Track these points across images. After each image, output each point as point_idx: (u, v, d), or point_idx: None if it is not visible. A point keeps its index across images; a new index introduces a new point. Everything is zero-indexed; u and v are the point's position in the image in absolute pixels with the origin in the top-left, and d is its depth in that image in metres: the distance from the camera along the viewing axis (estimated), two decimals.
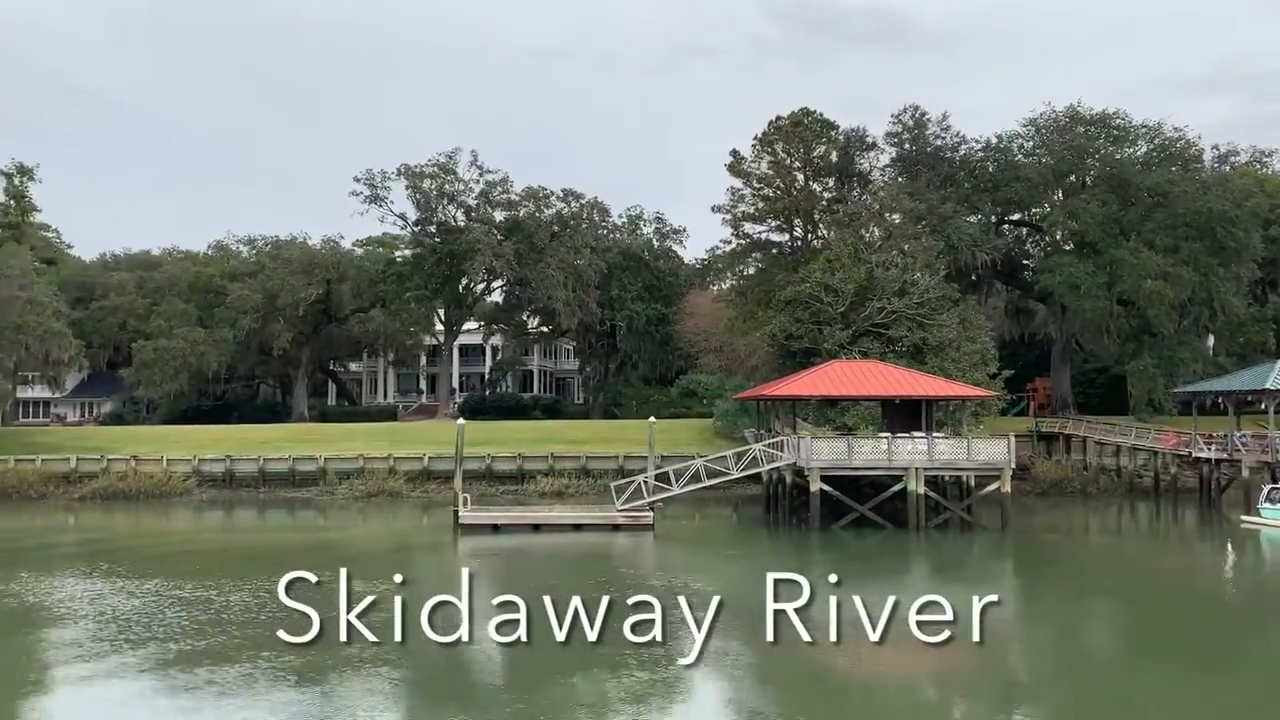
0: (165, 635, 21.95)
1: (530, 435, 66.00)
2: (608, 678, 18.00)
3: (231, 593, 26.58)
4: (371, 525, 46.73)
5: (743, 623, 19.27)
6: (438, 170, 77.19)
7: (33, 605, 26.10)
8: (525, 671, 18.31)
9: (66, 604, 25.92)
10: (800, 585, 12.47)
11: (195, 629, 22.32)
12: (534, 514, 40.48)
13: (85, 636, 22.07)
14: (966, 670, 18.40)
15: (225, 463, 59.47)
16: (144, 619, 23.47)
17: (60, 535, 43.08)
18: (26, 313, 58.71)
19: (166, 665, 19.66)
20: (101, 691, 18.34)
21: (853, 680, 18.35)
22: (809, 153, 66.83)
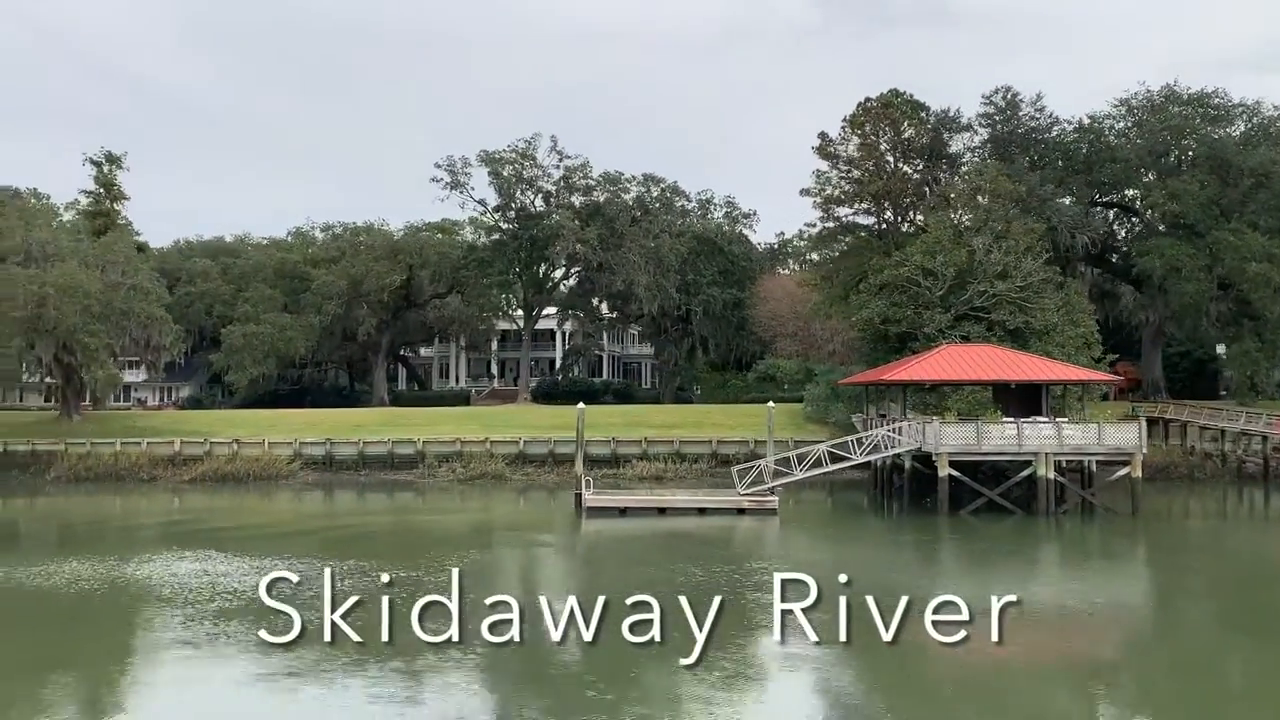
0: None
1: (619, 420, 66.15)
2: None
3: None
4: (501, 508, 46.87)
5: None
6: (517, 156, 77.41)
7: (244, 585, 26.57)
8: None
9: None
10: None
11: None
12: (659, 498, 40.64)
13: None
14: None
15: (325, 446, 60.33)
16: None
17: (210, 519, 43.18)
18: (131, 299, 59.78)
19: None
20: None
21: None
22: (898, 134, 66.15)
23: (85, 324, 56.34)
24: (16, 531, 40.72)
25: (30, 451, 60.02)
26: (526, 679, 17.44)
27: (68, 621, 22.62)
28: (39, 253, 58.81)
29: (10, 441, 60.52)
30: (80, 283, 56.41)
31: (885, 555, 32.96)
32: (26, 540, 37.67)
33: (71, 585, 26.00)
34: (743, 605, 22.99)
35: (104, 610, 23.29)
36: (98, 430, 63.16)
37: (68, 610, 23.69)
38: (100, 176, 77.19)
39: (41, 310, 55.72)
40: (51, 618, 23.20)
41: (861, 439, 41.71)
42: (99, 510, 46.71)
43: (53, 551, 32.77)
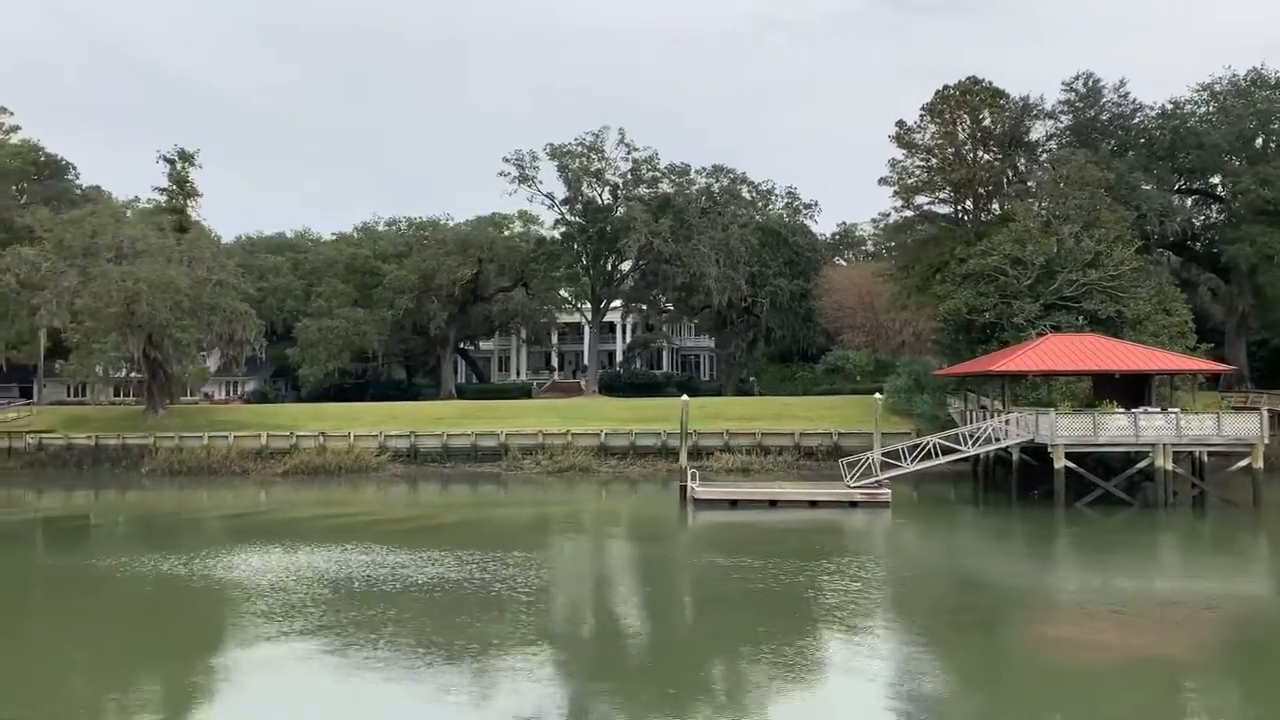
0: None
1: (696, 412, 65.16)
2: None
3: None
4: (604, 501, 46.61)
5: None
6: (585, 149, 77.39)
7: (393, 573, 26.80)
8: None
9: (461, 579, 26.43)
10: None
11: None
12: (769, 490, 40.48)
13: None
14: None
15: (410, 439, 60.79)
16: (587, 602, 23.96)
17: (322, 509, 43.62)
18: (217, 294, 60.51)
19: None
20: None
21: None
22: (976, 122, 65.35)
23: (176, 319, 57.07)
24: (137, 524, 41.30)
25: (121, 445, 60.99)
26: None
27: (210, 610, 22.86)
28: (129, 249, 59.66)
29: (101, 436, 61.54)
30: (171, 279, 57.18)
31: (1028, 549, 32.61)
32: (151, 533, 38.17)
33: (227, 575, 26.36)
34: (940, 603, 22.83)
35: (268, 599, 23.48)
36: (182, 424, 64.10)
37: (214, 599, 23.95)
38: (173, 173, 78.12)
39: (134, 306, 56.53)
40: (200, 607, 23.48)
41: (972, 431, 41.17)
42: (206, 503, 47.26)
43: (191, 544, 33.18)
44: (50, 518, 44.06)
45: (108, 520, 42.66)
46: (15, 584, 28.12)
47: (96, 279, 56.94)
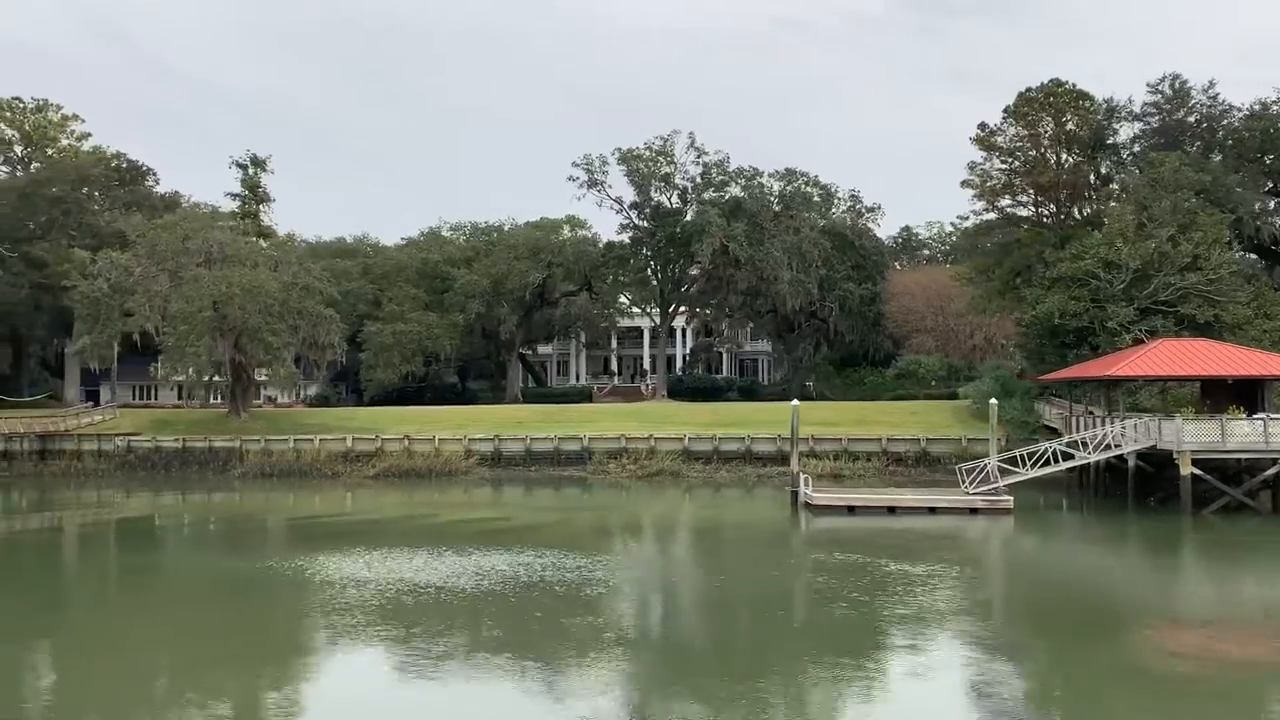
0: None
1: (773, 417, 65.60)
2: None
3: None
4: (713, 505, 46.29)
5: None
6: (654, 153, 77.39)
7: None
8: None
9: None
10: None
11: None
12: (887, 496, 40.13)
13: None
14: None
15: (494, 442, 60.94)
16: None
17: (438, 513, 43.49)
18: (304, 298, 61.00)
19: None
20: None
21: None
22: (1059, 125, 64.64)
23: (267, 323, 57.59)
24: (275, 525, 41.25)
25: (208, 448, 61.59)
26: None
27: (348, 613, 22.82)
28: (218, 254, 60.30)
29: (188, 438, 62.17)
30: (261, 283, 57.73)
31: (1165, 558, 32.06)
32: (296, 535, 38.07)
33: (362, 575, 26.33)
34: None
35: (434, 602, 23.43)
36: (266, 428, 64.67)
37: (347, 599, 23.87)
38: (246, 179, 78.94)
39: (226, 310, 57.10)
40: (328, 608, 23.44)
41: (1090, 437, 40.60)
42: (319, 505, 47.47)
43: (300, 546, 33.39)
44: (189, 518, 44.54)
45: (251, 522, 42.41)
46: (196, 584, 28.33)
47: (188, 283, 57.58)
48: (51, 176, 68.13)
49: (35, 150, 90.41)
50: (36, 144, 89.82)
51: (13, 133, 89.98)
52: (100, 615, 24.49)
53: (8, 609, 24.37)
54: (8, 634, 21.47)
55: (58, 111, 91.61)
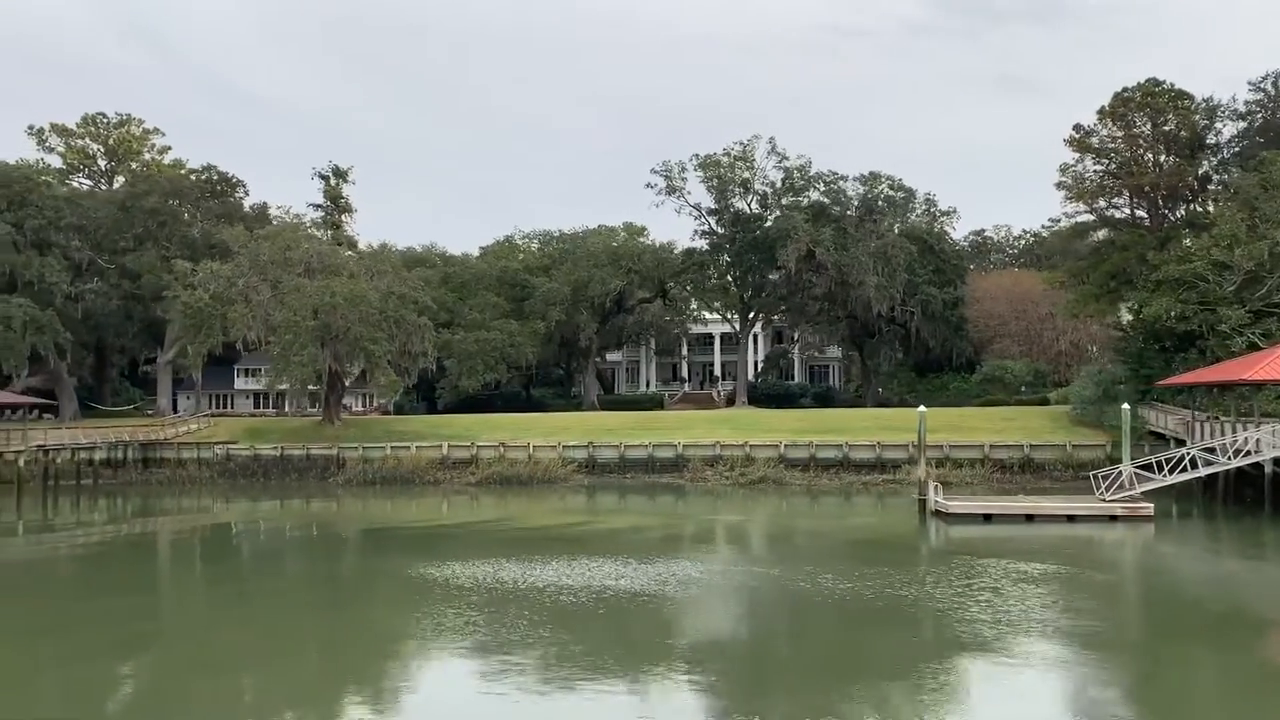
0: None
1: (872, 423, 65.04)
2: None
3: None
4: (832, 512, 45.59)
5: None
6: (733, 159, 77.16)
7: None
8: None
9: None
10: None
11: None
12: (1024, 504, 39.39)
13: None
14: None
15: (588, 449, 60.90)
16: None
17: (587, 521, 43.53)
18: (400, 307, 61.45)
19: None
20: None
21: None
22: (1157, 125, 63.48)
23: (368, 332, 58.05)
24: (404, 531, 41.21)
25: (305, 456, 62.22)
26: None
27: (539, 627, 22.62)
28: (318, 264, 60.96)
29: (286, 446, 62.83)
30: (363, 292, 58.23)
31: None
32: (434, 541, 37.98)
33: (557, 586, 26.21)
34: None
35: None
36: (359, 435, 65.21)
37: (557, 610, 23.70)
38: (328, 189, 79.81)
39: (329, 319, 57.65)
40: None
41: (1229, 443, 39.55)
42: (444, 512, 47.56)
43: (435, 551, 33.38)
44: (312, 525, 44.90)
45: (374, 528, 42.43)
46: (312, 587, 28.42)
47: (290, 293, 58.23)
48: (149, 189, 69.41)
49: (119, 164, 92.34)
50: (121, 158, 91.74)
51: (97, 147, 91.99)
52: (217, 617, 24.49)
53: (144, 611, 24.62)
54: (150, 634, 21.74)
55: (139, 126, 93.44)
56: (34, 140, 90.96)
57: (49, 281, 64.34)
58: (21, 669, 19.48)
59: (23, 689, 18.06)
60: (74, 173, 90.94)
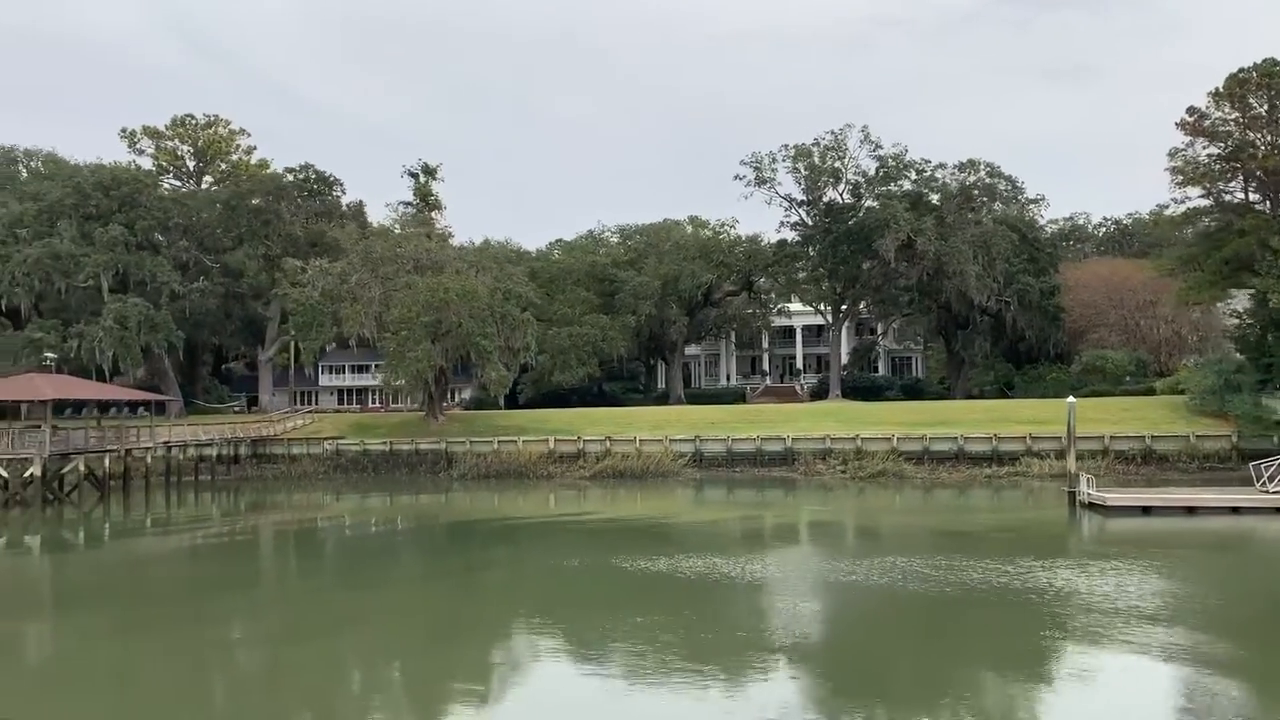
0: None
1: (982, 415, 63.97)
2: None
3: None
4: (989, 509, 44.17)
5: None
6: (825, 149, 76.29)
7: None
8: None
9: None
10: None
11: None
12: (1184, 496, 38.37)
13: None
14: None
15: (694, 443, 60.65)
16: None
17: (757, 514, 43.55)
18: (505, 303, 61.60)
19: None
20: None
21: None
22: (1278, 105, 61.50)
23: (479, 327, 58.26)
24: (569, 526, 41.12)
25: (414, 450, 62.72)
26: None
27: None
28: (427, 261, 61.34)
29: (395, 442, 63.36)
30: (474, 288, 58.45)
31: None
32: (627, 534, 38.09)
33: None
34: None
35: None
36: (463, 430, 65.57)
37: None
38: (418, 188, 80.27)
39: (441, 316, 57.96)
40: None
41: None
42: (599, 503, 47.62)
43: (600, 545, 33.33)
44: (453, 519, 45.19)
45: (553, 523, 42.34)
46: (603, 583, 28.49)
47: (402, 289, 58.62)
48: (252, 188, 70.39)
49: (206, 165, 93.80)
50: (209, 159, 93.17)
51: (186, 148, 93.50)
52: (377, 603, 24.52)
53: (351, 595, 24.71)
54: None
55: (225, 126, 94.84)
56: (125, 143, 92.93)
57: (160, 281, 65.43)
58: (265, 645, 19.82)
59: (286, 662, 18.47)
60: (163, 174, 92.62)
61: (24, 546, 38.20)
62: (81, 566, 34.28)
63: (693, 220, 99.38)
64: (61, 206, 66.57)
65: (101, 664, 19.25)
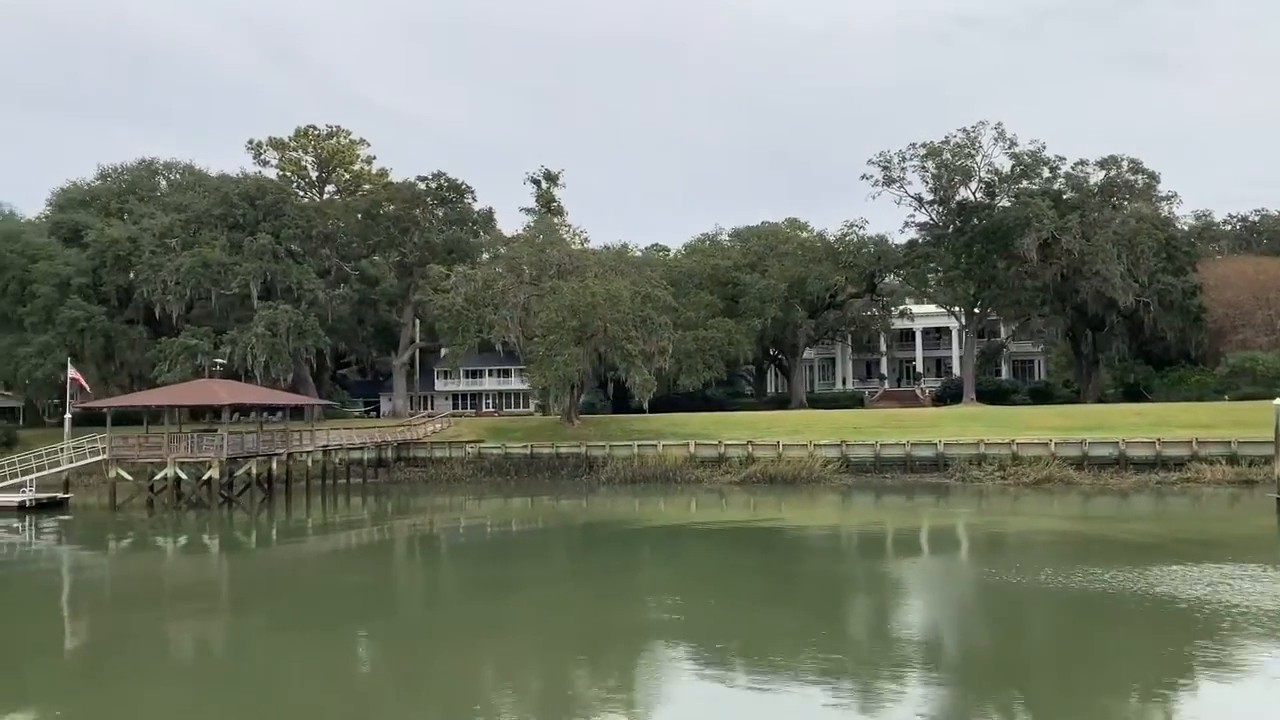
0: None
1: (1137, 419, 61.69)
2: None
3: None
4: (1201, 519, 42.16)
5: None
6: (957, 147, 74.56)
7: None
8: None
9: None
10: None
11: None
12: None
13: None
14: None
15: (840, 448, 59.66)
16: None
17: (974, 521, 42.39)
18: (645, 307, 61.52)
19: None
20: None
21: None
22: None
23: (624, 331, 58.27)
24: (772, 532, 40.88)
25: (555, 454, 62.95)
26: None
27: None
28: (570, 265, 61.64)
29: (535, 445, 63.74)
30: (619, 293, 58.49)
31: None
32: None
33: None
34: None
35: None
36: (598, 433, 65.65)
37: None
38: (540, 193, 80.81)
39: (587, 319, 58.11)
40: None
41: None
42: (782, 509, 47.17)
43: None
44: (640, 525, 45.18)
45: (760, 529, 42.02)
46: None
47: (548, 294, 58.94)
48: (389, 197, 71.77)
49: (329, 174, 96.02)
50: (331, 169, 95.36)
51: (309, 158, 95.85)
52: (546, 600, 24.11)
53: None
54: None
55: (346, 137, 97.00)
56: (251, 154, 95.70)
57: (305, 288, 67.02)
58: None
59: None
60: (287, 184, 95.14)
61: (205, 547, 39.34)
62: (254, 567, 35.62)
63: (790, 223, 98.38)
64: (209, 216, 68.67)
65: (261, 659, 20.35)
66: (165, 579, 32.63)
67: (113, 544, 40.25)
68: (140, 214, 72.81)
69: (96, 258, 70.74)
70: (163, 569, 34.84)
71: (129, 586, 31.14)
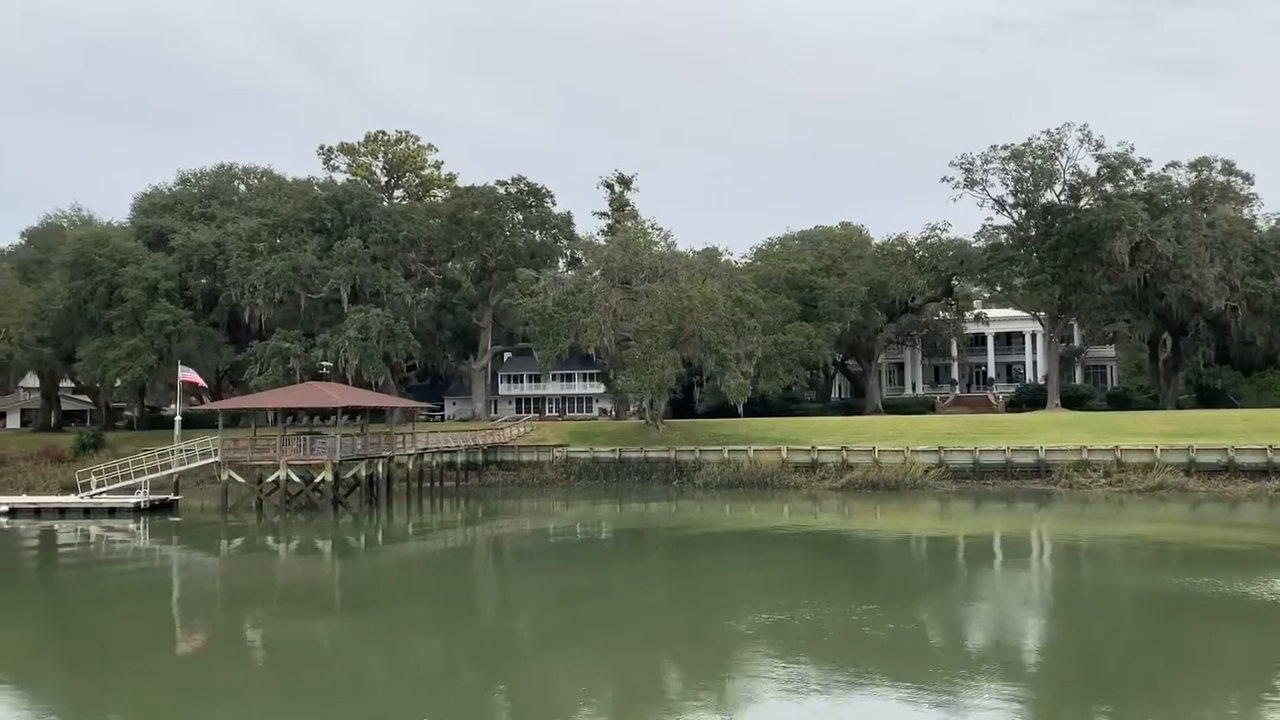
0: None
1: (1241, 425, 60.34)
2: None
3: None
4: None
5: None
6: (1041, 150, 73.60)
7: None
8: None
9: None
10: None
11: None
12: None
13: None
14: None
15: (938, 454, 58.94)
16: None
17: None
18: (734, 310, 61.19)
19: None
20: None
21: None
22: None
23: (719, 335, 58.00)
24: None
25: (643, 458, 62.79)
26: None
27: None
28: (662, 269, 61.50)
29: (624, 449, 63.60)
30: (714, 296, 58.24)
31: None
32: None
33: None
34: None
35: None
36: (684, 438, 65.44)
37: None
38: (613, 198, 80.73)
39: (682, 323, 57.91)
40: None
41: None
42: (870, 519, 46.58)
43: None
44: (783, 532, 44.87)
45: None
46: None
47: (643, 298, 58.80)
48: (474, 201, 72.05)
49: (397, 179, 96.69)
50: (401, 174, 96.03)
51: (379, 163, 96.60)
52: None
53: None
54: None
55: (414, 142, 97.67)
56: (321, 159, 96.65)
57: (394, 292, 67.36)
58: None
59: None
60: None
61: (318, 550, 39.51)
62: (363, 569, 35.94)
63: (844, 226, 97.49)
64: (296, 221, 69.21)
65: (375, 657, 20.99)
66: (290, 581, 33.10)
67: (245, 548, 40.44)
68: (223, 218, 73.56)
69: (182, 261, 71.55)
70: (283, 571, 35.20)
71: (268, 591, 31.08)
